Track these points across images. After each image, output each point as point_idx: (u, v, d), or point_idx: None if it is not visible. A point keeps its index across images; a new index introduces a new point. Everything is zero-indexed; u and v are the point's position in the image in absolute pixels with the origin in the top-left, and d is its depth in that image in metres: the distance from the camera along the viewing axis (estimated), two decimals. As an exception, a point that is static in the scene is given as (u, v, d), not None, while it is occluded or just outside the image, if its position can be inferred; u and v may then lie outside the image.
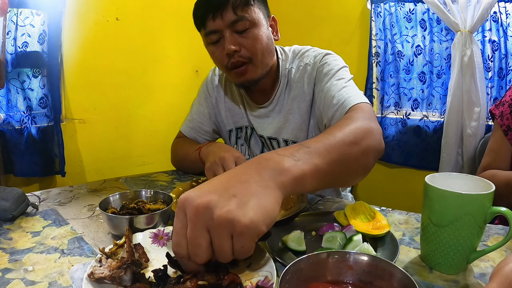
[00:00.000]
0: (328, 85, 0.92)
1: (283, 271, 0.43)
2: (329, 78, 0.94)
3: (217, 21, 0.92)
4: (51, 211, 0.80)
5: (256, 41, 0.94)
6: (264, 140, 1.10)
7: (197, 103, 1.20)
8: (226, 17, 0.91)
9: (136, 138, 2.05)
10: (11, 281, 0.53)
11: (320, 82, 0.96)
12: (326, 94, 0.91)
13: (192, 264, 0.47)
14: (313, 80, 0.99)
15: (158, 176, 1.10)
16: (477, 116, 1.80)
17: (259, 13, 0.95)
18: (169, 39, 2.12)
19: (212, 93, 1.17)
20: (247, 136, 1.14)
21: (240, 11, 0.91)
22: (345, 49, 2.24)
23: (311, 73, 1.00)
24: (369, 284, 0.46)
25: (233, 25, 0.92)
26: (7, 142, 1.60)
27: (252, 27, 0.93)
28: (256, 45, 0.94)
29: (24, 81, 1.63)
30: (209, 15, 0.92)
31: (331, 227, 0.67)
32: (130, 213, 0.71)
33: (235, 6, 0.91)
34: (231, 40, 0.92)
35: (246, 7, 0.92)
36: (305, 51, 1.05)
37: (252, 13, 0.93)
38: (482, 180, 0.58)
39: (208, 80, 1.20)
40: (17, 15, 1.56)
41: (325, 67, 0.97)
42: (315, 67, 0.99)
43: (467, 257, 0.56)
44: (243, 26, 0.92)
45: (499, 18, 1.76)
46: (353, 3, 2.17)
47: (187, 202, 0.45)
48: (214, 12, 0.91)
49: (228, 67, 0.96)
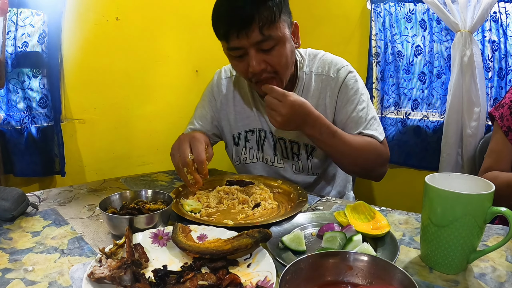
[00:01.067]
0: (351, 115, 1.00)
1: (283, 271, 0.43)
2: (352, 109, 1.00)
3: (242, 40, 0.87)
4: (51, 211, 0.80)
5: (282, 58, 0.92)
6: (284, 142, 1.08)
7: (201, 107, 1.18)
8: (251, 36, 0.86)
9: (136, 138, 2.05)
10: (11, 281, 0.53)
11: (343, 106, 1.01)
12: (349, 124, 1.00)
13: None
14: (335, 97, 1.02)
15: (158, 176, 1.10)
16: (477, 116, 1.79)
17: (285, 27, 0.91)
18: (169, 39, 2.12)
19: (218, 97, 1.15)
20: (260, 139, 1.12)
21: (267, 30, 0.87)
22: (345, 49, 2.24)
23: (334, 89, 1.02)
24: (369, 284, 0.46)
25: (259, 44, 0.88)
26: (7, 142, 1.60)
27: (277, 45, 0.90)
28: (282, 62, 0.92)
29: (24, 81, 1.63)
30: (233, 33, 0.87)
31: (331, 227, 0.67)
32: (130, 213, 0.71)
33: (261, 25, 0.86)
34: (257, 59, 0.89)
35: (272, 25, 0.87)
36: (324, 57, 1.06)
37: (277, 31, 0.89)
38: (482, 180, 0.58)
39: (214, 84, 1.18)
40: (17, 15, 1.56)
41: (349, 91, 1.01)
42: (338, 85, 1.01)
43: (467, 257, 0.56)
44: (269, 45, 0.89)
45: (499, 18, 1.76)
46: (353, 3, 2.17)
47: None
48: (239, 31, 0.86)
49: (252, 80, 0.95)
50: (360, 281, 0.46)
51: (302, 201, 0.81)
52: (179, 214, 0.74)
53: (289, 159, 1.10)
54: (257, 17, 0.85)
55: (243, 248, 0.57)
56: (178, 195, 0.86)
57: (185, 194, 0.88)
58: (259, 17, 0.85)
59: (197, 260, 0.57)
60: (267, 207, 0.82)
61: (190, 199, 0.85)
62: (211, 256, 0.56)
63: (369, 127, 1.00)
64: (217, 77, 1.18)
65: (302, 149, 1.07)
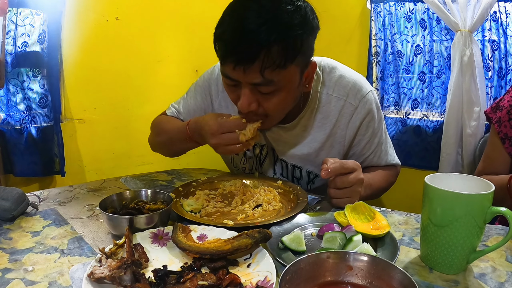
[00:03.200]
0: (374, 149, 0.98)
1: (283, 271, 0.43)
2: (376, 142, 0.97)
3: (238, 73, 0.74)
4: (51, 211, 0.80)
5: (279, 106, 0.80)
6: (287, 165, 1.01)
7: (193, 98, 1.07)
8: (249, 74, 0.73)
9: (136, 138, 2.05)
10: (11, 281, 0.53)
11: (365, 140, 0.96)
12: (370, 156, 0.99)
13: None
14: (356, 130, 0.94)
15: (158, 176, 1.10)
16: (477, 115, 1.80)
17: (295, 72, 0.77)
18: (169, 39, 2.12)
19: (216, 97, 1.04)
20: (260, 155, 1.03)
21: (269, 74, 0.72)
22: (345, 49, 2.24)
23: (355, 121, 0.93)
24: (369, 284, 0.46)
25: (256, 85, 0.76)
26: (7, 142, 1.60)
27: (278, 91, 0.77)
28: (278, 108, 0.81)
29: (24, 81, 1.63)
30: (230, 63, 0.73)
31: (331, 227, 0.67)
32: (130, 213, 0.71)
33: (264, 66, 0.71)
34: (249, 99, 0.77)
35: (279, 70, 0.73)
36: (342, 77, 0.93)
37: (283, 76, 0.75)
38: (482, 180, 0.58)
39: (213, 80, 1.04)
40: (16, 15, 1.56)
41: (373, 124, 0.95)
42: (361, 117, 0.92)
43: (467, 257, 0.56)
44: (268, 90, 0.76)
45: (499, 17, 1.76)
46: (353, 3, 2.17)
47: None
48: (237, 63, 0.72)
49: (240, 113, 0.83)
50: (360, 281, 0.46)
51: (302, 202, 0.81)
52: (179, 214, 0.74)
53: (288, 180, 1.03)
54: (263, 56, 0.70)
55: (243, 248, 0.57)
56: (178, 195, 0.86)
57: (185, 194, 0.88)
58: (266, 56, 0.70)
59: (197, 260, 0.57)
60: (268, 208, 0.82)
61: (190, 199, 0.85)
62: (211, 256, 0.56)
63: (389, 157, 1.02)
64: (217, 73, 1.03)
65: (304, 175, 1.01)
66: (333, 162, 0.77)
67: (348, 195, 0.79)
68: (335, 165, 0.76)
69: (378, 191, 0.97)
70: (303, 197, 0.83)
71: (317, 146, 0.96)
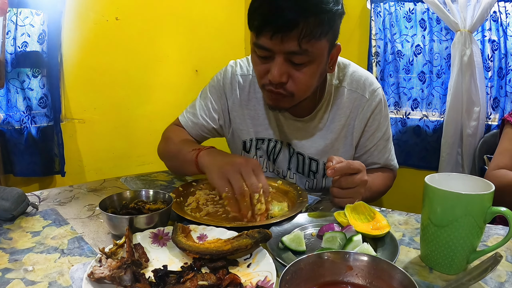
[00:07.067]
0: (378, 142, 1.01)
1: (283, 271, 0.43)
2: (380, 136, 1.00)
3: (275, 43, 0.76)
4: (51, 211, 0.80)
5: (309, 79, 0.83)
6: (303, 158, 1.03)
7: (207, 99, 1.07)
8: (287, 44, 0.75)
9: (136, 138, 2.05)
10: (11, 281, 0.53)
11: (372, 132, 1.00)
12: (374, 152, 1.02)
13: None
14: (366, 121, 0.99)
15: (158, 176, 1.10)
16: (477, 115, 1.80)
17: (326, 47, 0.81)
18: (169, 39, 2.12)
19: (230, 96, 1.05)
20: (274, 150, 1.05)
21: (306, 44, 0.75)
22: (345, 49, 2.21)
23: (366, 113, 0.98)
24: (369, 284, 0.46)
25: (290, 55, 0.78)
26: (7, 142, 1.60)
27: (310, 63, 0.80)
28: (307, 83, 0.83)
29: (24, 81, 1.63)
30: (267, 32, 0.75)
31: (331, 227, 0.67)
32: (130, 213, 0.71)
33: (303, 35, 0.74)
34: (281, 70, 0.79)
35: (314, 40, 0.76)
36: (355, 71, 1.00)
37: (316, 48, 0.78)
38: (482, 180, 0.58)
39: (227, 79, 1.05)
40: (16, 15, 1.56)
41: (381, 118, 0.99)
42: (371, 109, 0.97)
43: (467, 257, 0.56)
44: (301, 60, 0.79)
45: (499, 17, 1.76)
46: (353, 3, 2.17)
47: None
48: (275, 32, 0.74)
49: (265, 88, 0.86)
50: (360, 281, 0.46)
51: (302, 201, 0.81)
52: (179, 214, 0.74)
53: (304, 175, 1.05)
54: (302, 25, 0.73)
55: (243, 248, 0.57)
56: (178, 195, 0.86)
57: (185, 194, 0.88)
58: (304, 25, 0.73)
59: (197, 260, 0.57)
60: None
61: (190, 199, 0.85)
62: (211, 256, 0.56)
63: (390, 157, 1.05)
64: (231, 72, 1.05)
65: (321, 168, 1.02)
66: (339, 161, 0.78)
67: (351, 196, 0.80)
68: (342, 165, 0.77)
69: (376, 194, 0.98)
70: (303, 197, 0.83)
71: (333, 137, 1.00)
